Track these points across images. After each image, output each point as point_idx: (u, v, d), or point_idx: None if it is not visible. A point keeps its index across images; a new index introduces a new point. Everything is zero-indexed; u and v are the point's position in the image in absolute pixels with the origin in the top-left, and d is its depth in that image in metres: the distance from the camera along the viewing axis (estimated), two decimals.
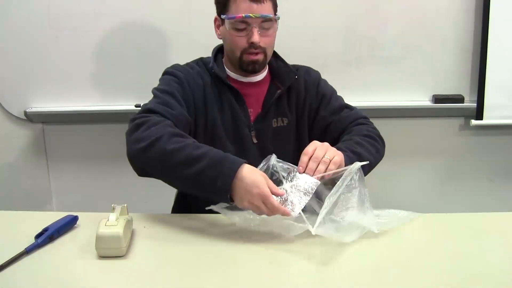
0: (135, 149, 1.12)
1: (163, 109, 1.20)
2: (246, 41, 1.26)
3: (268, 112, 1.35)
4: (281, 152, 1.33)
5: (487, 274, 0.94)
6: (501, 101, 1.97)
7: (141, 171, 1.17)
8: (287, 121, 1.37)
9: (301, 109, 1.38)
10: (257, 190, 1.01)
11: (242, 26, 1.26)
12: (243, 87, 1.35)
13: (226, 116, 1.32)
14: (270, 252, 1.03)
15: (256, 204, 1.02)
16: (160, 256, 1.03)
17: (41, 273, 0.95)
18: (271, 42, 1.31)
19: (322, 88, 1.41)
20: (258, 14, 1.23)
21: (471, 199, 2.15)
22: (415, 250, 1.04)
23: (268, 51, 1.31)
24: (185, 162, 1.06)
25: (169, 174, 1.10)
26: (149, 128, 1.13)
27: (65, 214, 1.14)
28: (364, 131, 1.32)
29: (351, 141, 1.25)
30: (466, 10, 1.91)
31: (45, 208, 2.13)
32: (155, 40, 1.91)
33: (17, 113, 1.99)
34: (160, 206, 1.46)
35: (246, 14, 1.23)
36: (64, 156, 2.09)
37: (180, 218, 1.21)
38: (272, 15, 1.27)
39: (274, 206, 1.01)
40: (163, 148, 1.08)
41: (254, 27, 1.25)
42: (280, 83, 1.37)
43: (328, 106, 1.38)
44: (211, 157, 1.05)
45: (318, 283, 0.93)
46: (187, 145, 1.09)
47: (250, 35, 1.25)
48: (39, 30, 1.88)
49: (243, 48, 1.27)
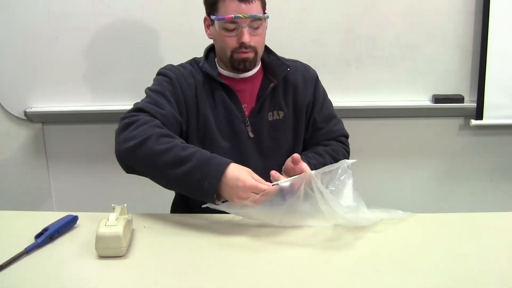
0: (123, 148, 1.14)
1: (152, 108, 1.22)
2: (236, 41, 1.27)
3: (263, 106, 1.36)
4: (278, 145, 1.35)
5: (487, 274, 0.94)
6: (501, 101, 1.97)
7: (128, 169, 1.19)
8: (283, 114, 1.37)
9: (300, 105, 1.39)
10: (242, 184, 1.04)
11: (231, 26, 1.26)
12: (236, 84, 1.35)
13: (220, 113, 1.33)
14: (270, 251, 1.03)
15: (246, 197, 1.04)
16: (160, 256, 1.03)
17: (41, 273, 0.95)
18: (261, 40, 1.31)
19: (319, 88, 1.43)
20: (247, 14, 1.24)
21: (471, 199, 2.14)
22: (415, 250, 1.04)
23: (258, 49, 1.31)
24: (173, 163, 1.08)
25: (156, 174, 1.13)
26: (137, 128, 1.15)
27: (65, 214, 1.14)
28: (337, 153, 1.37)
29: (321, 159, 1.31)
30: (466, 10, 1.91)
31: (45, 208, 2.12)
32: (155, 40, 1.91)
33: (17, 113, 1.99)
34: (160, 206, 1.46)
35: (235, 14, 1.24)
36: (64, 156, 2.09)
37: (180, 218, 1.22)
38: (261, 14, 1.27)
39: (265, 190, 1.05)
40: (151, 148, 1.11)
41: (244, 27, 1.25)
42: (272, 76, 1.37)
43: (321, 111, 1.42)
44: (198, 158, 1.08)
45: (318, 283, 0.93)
46: (174, 146, 1.11)
47: (240, 35, 1.26)
48: (39, 30, 1.88)
49: (233, 48, 1.28)
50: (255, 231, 1.11)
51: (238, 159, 1.26)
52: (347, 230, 1.08)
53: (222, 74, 1.37)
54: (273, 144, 1.36)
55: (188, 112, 1.31)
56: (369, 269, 0.97)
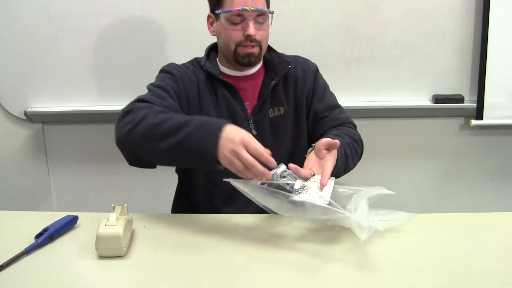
0: (123, 132, 1.12)
1: (155, 100, 1.20)
2: (242, 34, 1.28)
3: (264, 103, 1.36)
4: (279, 141, 1.35)
5: (487, 274, 0.94)
6: (501, 101, 1.97)
7: (130, 156, 1.16)
8: (284, 110, 1.37)
9: (299, 98, 1.39)
10: (239, 138, 0.98)
11: (237, 19, 1.27)
12: (238, 82, 1.36)
13: (222, 111, 1.33)
14: (270, 251, 1.03)
15: (238, 151, 0.97)
16: (160, 256, 1.02)
17: (41, 273, 0.95)
18: (266, 35, 1.32)
19: (318, 80, 1.42)
20: (254, 7, 1.25)
21: (471, 199, 2.15)
22: (415, 250, 1.04)
23: (263, 45, 1.32)
24: (171, 130, 1.06)
25: (156, 147, 1.07)
26: (136, 112, 1.13)
27: (65, 214, 1.14)
28: (353, 135, 1.33)
29: (344, 140, 1.26)
30: (466, 10, 1.91)
31: (45, 208, 2.13)
32: (155, 40, 1.92)
33: (17, 113, 1.99)
34: (160, 206, 1.46)
35: (242, 7, 1.25)
36: (64, 156, 2.09)
37: (180, 218, 1.21)
38: (266, 10, 1.29)
39: (257, 151, 0.98)
40: (149, 123, 1.09)
41: (250, 20, 1.26)
42: (274, 73, 1.38)
43: (322, 101, 1.40)
44: (197, 121, 1.05)
45: (317, 283, 0.93)
46: (172, 116, 1.10)
47: (246, 28, 1.27)
48: (39, 30, 1.88)
49: (238, 41, 1.28)
50: (255, 231, 1.11)
51: None
52: (347, 230, 1.08)
53: (224, 73, 1.37)
54: (274, 140, 1.36)
55: (190, 110, 1.30)
56: (369, 268, 0.97)
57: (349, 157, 1.23)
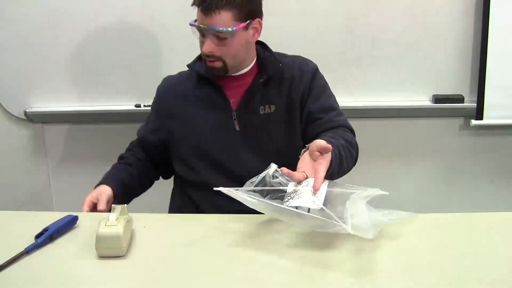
0: None
1: (139, 137, 1.49)
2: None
3: (253, 100, 1.36)
4: (269, 139, 1.35)
5: (487, 274, 0.94)
6: (501, 101, 1.97)
7: None
8: (274, 108, 1.37)
9: (293, 97, 1.37)
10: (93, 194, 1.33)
11: (201, 33, 1.29)
12: (226, 81, 1.37)
13: (207, 107, 1.37)
14: (270, 252, 1.03)
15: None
16: (160, 256, 1.02)
17: (41, 273, 0.95)
18: (229, 52, 1.30)
19: (316, 80, 1.39)
20: (207, 26, 1.25)
21: (471, 199, 2.14)
22: (414, 249, 1.04)
23: (226, 60, 1.31)
24: None
25: None
26: None
27: (65, 214, 1.14)
28: (349, 138, 1.30)
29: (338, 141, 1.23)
30: (466, 10, 1.91)
31: (45, 208, 2.13)
32: (155, 40, 1.91)
33: (17, 113, 1.99)
34: (160, 206, 1.46)
35: (199, 23, 1.26)
36: (64, 156, 2.09)
37: (180, 218, 1.22)
38: (222, 28, 1.24)
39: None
40: None
41: (207, 36, 1.27)
42: (265, 72, 1.38)
43: (318, 102, 1.37)
44: None
45: (318, 282, 0.93)
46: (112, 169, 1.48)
47: (202, 44, 1.30)
48: (39, 30, 1.88)
49: (203, 53, 1.32)
50: (255, 231, 1.11)
51: (226, 152, 1.36)
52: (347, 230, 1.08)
53: None
54: (263, 137, 1.36)
55: (175, 113, 1.39)
56: (369, 268, 0.97)
57: (344, 159, 1.19)
